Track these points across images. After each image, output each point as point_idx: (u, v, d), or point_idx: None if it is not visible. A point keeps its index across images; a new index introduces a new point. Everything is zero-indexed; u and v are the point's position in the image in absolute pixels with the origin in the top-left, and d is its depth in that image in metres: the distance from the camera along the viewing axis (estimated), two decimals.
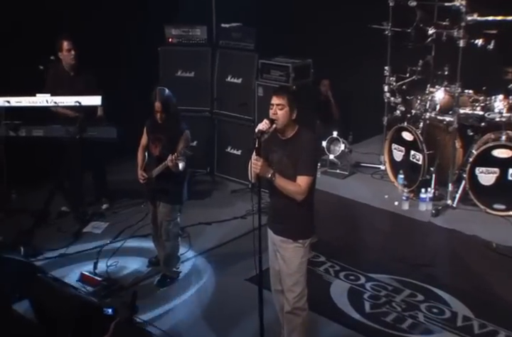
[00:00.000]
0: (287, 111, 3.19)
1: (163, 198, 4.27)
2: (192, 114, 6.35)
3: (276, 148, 3.27)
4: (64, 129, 5.07)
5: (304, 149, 3.16)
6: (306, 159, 3.17)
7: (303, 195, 3.16)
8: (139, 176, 4.28)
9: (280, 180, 3.16)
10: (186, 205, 5.54)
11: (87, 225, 5.42)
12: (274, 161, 3.27)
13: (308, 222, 3.36)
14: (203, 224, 5.47)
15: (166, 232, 4.35)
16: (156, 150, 4.22)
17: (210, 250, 4.99)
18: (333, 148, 5.39)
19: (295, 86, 5.61)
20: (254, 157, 3.09)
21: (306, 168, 3.18)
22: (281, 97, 3.18)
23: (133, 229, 5.18)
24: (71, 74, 5.26)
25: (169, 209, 4.29)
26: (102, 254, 4.73)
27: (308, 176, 3.18)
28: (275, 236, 3.41)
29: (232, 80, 6.13)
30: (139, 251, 4.90)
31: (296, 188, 3.15)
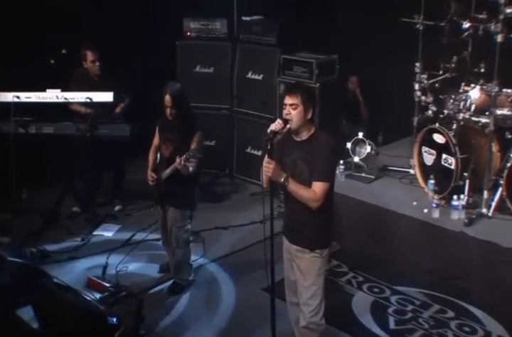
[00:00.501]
0: (301, 110, 3.12)
1: (172, 202, 4.23)
2: (210, 111, 6.33)
3: (290, 151, 3.20)
4: (75, 126, 5.09)
5: (320, 152, 3.09)
6: (323, 163, 3.09)
7: (318, 203, 3.10)
8: (148, 177, 4.24)
9: (293, 186, 3.09)
10: (202, 208, 5.50)
11: (98, 227, 5.43)
12: (287, 165, 3.20)
13: (326, 230, 3.29)
14: (219, 228, 5.41)
15: (176, 238, 4.30)
16: (167, 151, 4.18)
17: (225, 257, 4.93)
18: (359, 150, 5.30)
19: (318, 83, 5.57)
20: (266, 160, 3.04)
21: (323, 173, 3.10)
22: (295, 95, 3.12)
23: (145, 232, 5.15)
24: (95, 79, 5.35)
25: (179, 214, 4.24)
26: (112, 259, 4.73)
27: (324, 182, 3.11)
28: (290, 245, 3.34)
29: (253, 77, 6.09)
30: (151, 256, 4.87)
31: (311, 195, 3.08)
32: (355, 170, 5.38)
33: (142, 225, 5.29)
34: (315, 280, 3.27)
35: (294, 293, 3.40)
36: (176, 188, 4.15)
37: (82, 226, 5.32)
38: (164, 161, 4.19)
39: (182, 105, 4.03)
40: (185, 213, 4.25)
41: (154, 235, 5.03)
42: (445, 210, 4.64)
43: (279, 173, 3.06)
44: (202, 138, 4.10)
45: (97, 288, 4.40)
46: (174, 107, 3.99)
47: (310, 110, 3.14)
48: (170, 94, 3.97)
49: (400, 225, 4.70)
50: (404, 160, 5.43)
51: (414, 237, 4.58)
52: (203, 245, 5.02)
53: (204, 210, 5.51)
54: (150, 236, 5.16)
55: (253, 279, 4.46)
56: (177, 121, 4.12)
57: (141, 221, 5.38)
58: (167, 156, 4.16)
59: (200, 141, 4.07)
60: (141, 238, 5.08)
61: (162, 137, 4.21)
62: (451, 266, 4.38)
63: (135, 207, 5.75)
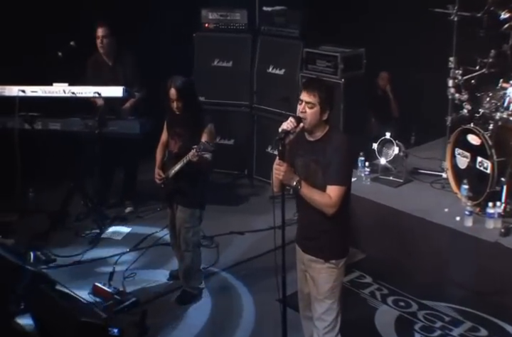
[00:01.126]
0: (317, 111, 3.05)
1: (180, 200, 4.16)
2: (229, 108, 6.27)
3: (303, 152, 3.14)
4: (83, 122, 5.07)
5: (334, 153, 3.02)
6: (338, 165, 3.01)
7: (333, 208, 3.03)
8: (156, 175, 4.21)
9: (306, 190, 3.02)
10: (218, 211, 5.50)
11: (107, 229, 5.40)
12: (298, 167, 3.14)
13: (342, 238, 3.21)
14: (234, 233, 5.34)
15: (185, 240, 4.23)
16: (176, 146, 4.13)
17: (239, 264, 4.85)
18: (386, 151, 5.16)
19: (343, 79, 5.47)
20: (277, 161, 2.96)
21: (338, 176, 3.02)
22: (313, 94, 3.03)
23: (157, 236, 5.19)
24: (110, 64, 5.35)
25: (188, 214, 4.17)
26: (120, 264, 4.73)
27: (339, 186, 3.03)
28: (303, 254, 3.27)
29: (274, 71, 6.00)
30: (162, 262, 4.82)
31: (325, 200, 3.01)
32: (382, 173, 5.26)
33: (154, 228, 5.28)
34: (330, 293, 3.19)
35: (307, 307, 3.33)
36: (184, 185, 4.11)
37: (90, 228, 5.30)
38: (172, 157, 4.14)
39: (189, 98, 3.99)
40: (194, 213, 4.19)
41: (166, 239, 4.98)
42: (479, 219, 4.53)
43: (290, 176, 2.99)
44: (213, 132, 4.05)
45: (101, 295, 4.36)
46: (180, 100, 3.96)
47: (327, 111, 3.07)
48: (175, 87, 3.95)
49: (430, 234, 4.59)
50: (436, 163, 5.32)
51: (445, 247, 4.48)
52: (216, 251, 4.98)
53: (219, 214, 5.50)
54: (161, 240, 5.12)
55: (268, 288, 4.23)
56: (185, 114, 4.07)
57: (153, 224, 5.36)
58: (175, 151, 4.12)
59: (211, 135, 4.01)
60: (152, 242, 5.08)
61: (170, 132, 4.17)
62: (485, 280, 4.27)
63: (147, 209, 5.72)
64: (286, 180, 2.99)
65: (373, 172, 5.24)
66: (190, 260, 4.35)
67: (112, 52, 5.33)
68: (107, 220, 5.46)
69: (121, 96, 4.97)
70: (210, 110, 6.12)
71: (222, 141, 6.31)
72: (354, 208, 4.82)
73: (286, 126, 2.98)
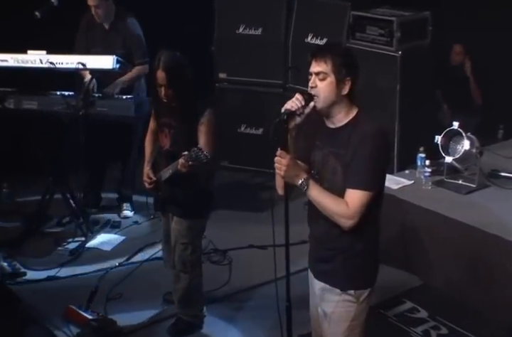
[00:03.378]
0: (332, 82, 2.88)
1: (175, 209, 4.11)
2: (257, 88, 6.18)
3: (321, 143, 2.99)
4: (65, 101, 5.01)
5: (360, 145, 2.84)
6: (363, 162, 2.84)
7: (350, 220, 2.87)
8: (144, 177, 4.14)
9: (315, 192, 2.87)
10: (235, 219, 5.43)
11: (94, 238, 5.35)
12: (316, 162, 3.00)
13: (367, 262, 3.07)
14: (254, 247, 5.18)
15: (181, 259, 4.15)
16: (166, 141, 4.04)
17: (255, 287, 4.73)
18: (454, 146, 4.90)
19: (401, 51, 5.31)
20: (278, 152, 2.83)
21: (361, 176, 2.85)
22: (323, 60, 2.86)
23: (156, 248, 5.13)
24: (105, 27, 5.33)
25: (185, 227, 4.08)
26: (105, 281, 4.70)
27: (362, 191, 2.85)
28: (316, 282, 3.15)
29: (314, 41, 5.88)
30: (157, 280, 4.74)
31: (341, 208, 2.86)
32: (448, 175, 5.01)
33: (153, 238, 5.27)
34: (346, 335, 3.05)
35: None
36: (179, 192, 4.05)
37: (73, 236, 5.31)
38: (163, 154, 4.07)
39: (181, 84, 3.82)
40: (193, 225, 4.11)
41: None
42: None
43: (294, 172, 2.84)
44: (213, 122, 3.90)
45: (76, 320, 4.28)
46: (170, 87, 3.81)
47: (347, 82, 2.88)
48: (163, 69, 3.78)
49: (508, 257, 4.33)
50: None
51: None
52: (228, 269, 4.89)
53: (237, 222, 5.41)
54: (160, 253, 4.92)
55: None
56: (177, 101, 3.91)
57: (152, 232, 5.35)
58: (166, 148, 4.05)
59: (209, 128, 3.87)
60: (148, 255, 5.05)
61: (159, 122, 4.09)
62: None
63: (147, 214, 5.64)
64: (288, 177, 2.85)
65: (436, 173, 5.00)
66: (187, 283, 4.22)
67: (108, 15, 5.29)
68: (96, 226, 5.45)
69: (111, 68, 4.90)
70: (233, 90, 6.30)
71: (248, 131, 6.27)
72: (408, 221, 4.68)
73: (290, 106, 2.82)
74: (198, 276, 4.27)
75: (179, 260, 4.18)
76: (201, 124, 3.85)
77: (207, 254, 4.96)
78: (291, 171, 2.83)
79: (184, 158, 3.68)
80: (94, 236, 5.31)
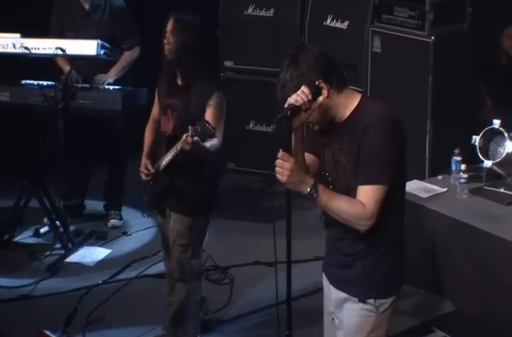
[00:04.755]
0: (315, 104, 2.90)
1: (175, 204, 4.14)
2: (268, 78, 6.09)
3: (330, 139, 3.02)
4: (42, 92, 5.02)
5: (365, 134, 2.87)
6: (370, 153, 2.87)
7: (367, 221, 2.89)
8: (141, 167, 4.19)
9: (326, 197, 2.89)
10: (241, 231, 5.43)
11: (76, 250, 5.36)
12: (326, 163, 3.04)
13: (390, 268, 3.09)
14: (261, 264, 5.17)
15: (180, 264, 4.17)
16: (168, 124, 4.12)
17: (260, 311, 4.72)
18: (494, 148, 4.88)
19: (434, 36, 5.26)
20: (280, 154, 2.83)
21: (370, 170, 2.89)
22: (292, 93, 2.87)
23: (146, 263, 5.14)
24: (85, 6, 5.36)
25: (186, 225, 4.11)
26: (86, 302, 4.70)
27: (374, 186, 2.88)
28: (332, 288, 3.20)
29: (334, 24, 5.89)
30: (146, 301, 4.79)
31: (357, 209, 2.90)
32: (487, 182, 4.97)
33: (143, 252, 5.30)
34: None
35: None
36: (180, 183, 4.09)
37: (51, 248, 5.33)
38: (165, 141, 4.13)
39: (192, 46, 3.97)
40: (195, 224, 4.13)
41: (159, 269, 4.88)
42: None
43: (299, 178, 2.83)
44: (222, 104, 4.03)
45: None
46: (177, 38, 3.97)
47: (321, 86, 2.87)
48: (175, 18, 4.00)
49: None
50: None
51: None
52: (229, 289, 4.89)
53: (242, 234, 5.44)
54: (151, 270, 5.04)
55: None
56: (184, 77, 4.04)
57: (143, 245, 5.42)
58: (169, 132, 4.11)
59: (217, 110, 3.99)
60: (136, 273, 5.04)
61: (163, 104, 4.18)
62: None
63: (139, 223, 5.68)
64: (292, 184, 2.84)
65: (474, 180, 4.97)
66: (184, 296, 4.21)
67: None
68: (78, 238, 5.48)
69: (94, 54, 4.92)
70: (240, 81, 6.29)
71: (258, 128, 6.30)
72: (439, 235, 4.65)
73: (294, 100, 2.80)
74: (197, 291, 4.27)
75: (177, 265, 4.18)
76: (209, 106, 3.96)
77: (205, 271, 4.94)
78: (296, 177, 2.81)
79: (188, 132, 3.73)
80: (76, 249, 5.34)
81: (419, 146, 5.29)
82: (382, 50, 5.49)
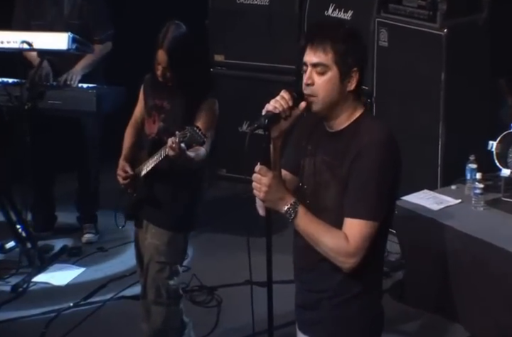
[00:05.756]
0: (335, 77, 2.88)
1: (154, 216, 4.15)
2: (263, 75, 6.23)
3: (314, 148, 3.01)
4: (6, 91, 5.04)
5: (362, 156, 2.85)
6: (364, 182, 2.85)
7: (351, 259, 2.86)
8: (119, 170, 4.21)
9: (305, 222, 2.87)
10: (230, 246, 5.40)
11: (44, 269, 5.36)
12: (305, 173, 3.02)
13: (365, 310, 3.03)
14: (252, 284, 5.10)
15: (156, 284, 4.15)
16: (153, 128, 4.15)
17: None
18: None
19: (447, 29, 5.25)
20: (258, 168, 2.84)
21: (363, 202, 2.86)
22: (321, 48, 2.86)
23: (123, 283, 5.16)
24: None
25: (165, 240, 4.12)
26: (55, 327, 4.72)
27: (365, 221, 2.85)
28: (300, 335, 3.15)
29: (336, 14, 5.90)
30: (123, 326, 4.80)
31: (339, 243, 2.86)
32: (506, 192, 4.98)
33: (120, 270, 5.33)
34: None
35: None
36: (161, 193, 4.11)
37: (17, 266, 5.31)
38: (148, 144, 4.17)
39: (184, 67, 4.01)
40: (175, 239, 4.14)
41: (136, 289, 4.83)
42: None
43: (278, 195, 2.83)
44: (215, 111, 4.09)
45: None
46: (171, 70, 4.00)
47: (354, 74, 2.89)
48: (166, 49, 3.97)
49: None
50: None
51: None
52: (216, 312, 4.92)
53: (232, 250, 5.36)
54: (129, 290, 5.05)
55: None
56: (174, 85, 4.09)
57: (121, 263, 5.44)
58: (153, 136, 4.14)
59: (209, 116, 4.04)
60: (114, 293, 5.08)
61: (148, 105, 4.21)
62: None
63: (117, 238, 5.67)
64: (270, 201, 2.84)
65: (491, 190, 4.98)
66: (162, 321, 4.20)
67: None
68: (48, 254, 5.49)
69: (65, 49, 4.92)
70: (232, 77, 6.31)
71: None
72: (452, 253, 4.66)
73: (272, 107, 2.80)
74: (175, 316, 4.26)
75: (152, 285, 4.16)
76: (201, 111, 4.01)
77: (189, 292, 4.97)
78: (274, 194, 2.82)
79: (175, 137, 3.74)
80: (45, 267, 5.35)
81: (431, 151, 5.31)
82: (390, 44, 5.51)
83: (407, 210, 4.82)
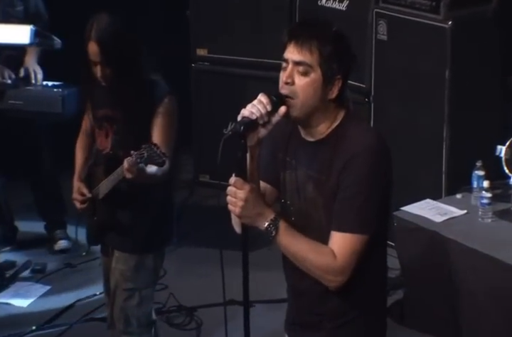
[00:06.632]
0: (317, 81, 2.91)
1: (117, 240, 4.17)
2: (250, 71, 6.28)
3: (295, 160, 3.04)
4: None
5: (350, 167, 2.89)
6: (354, 192, 2.89)
7: (339, 276, 2.90)
8: (74, 194, 4.20)
9: (288, 239, 2.90)
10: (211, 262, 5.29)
11: (5, 287, 5.39)
12: (287, 189, 3.06)
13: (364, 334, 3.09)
14: (236, 304, 5.08)
15: (124, 313, 4.16)
16: (106, 141, 4.14)
17: None
18: None
19: (451, 21, 5.24)
20: (232, 180, 2.88)
21: (351, 215, 2.90)
22: (307, 47, 2.89)
23: (93, 303, 5.22)
24: None
25: (131, 265, 4.13)
26: None
27: (353, 235, 2.89)
28: None
29: (330, 4, 5.91)
30: None
31: (325, 260, 2.90)
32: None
33: (89, 289, 5.37)
34: None
35: None
36: (124, 214, 4.12)
37: None
38: (103, 160, 4.16)
39: (121, 59, 3.96)
40: (142, 263, 4.14)
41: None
42: None
43: (256, 210, 2.86)
44: (173, 114, 4.05)
45: None
46: (107, 64, 3.94)
47: (337, 81, 2.92)
48: (96, 39, 3.92)
49: None
50: None
51: None
52: (196, 336, 5.04)
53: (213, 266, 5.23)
54: (99, 311, 5.04)
55: None
56: (118, 87, 4.01)
57: (90, 281, 5.48)
58: (107, 151, 4.13)
59: (168, 122, 4.00)
60: (81, 315, 5.12)
61: (96, 116, 4.19)
62: None
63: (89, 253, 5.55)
64: (247, 217, 2.87)
65: (500, 200, 4.99)
66: None
67: None
68: (9, 271, 5.52)
69: (27, 43, 4.92)
70: (216, 74, 6.33)
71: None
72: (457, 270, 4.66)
73: (249, 112, 2.82)
74: None
75: (120, 314, 4.17)
76: (157, 116, 3.97)
77: (166, 313, 5.01)
78: (252, 209, 2.83)
79: (131, 158, 3.72)
80: (6, 285, 5.38)
81: (434, 157, 5.33)
82: (389, 38, 5.53)
83: (407, 221, 4.83)
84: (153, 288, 4.24)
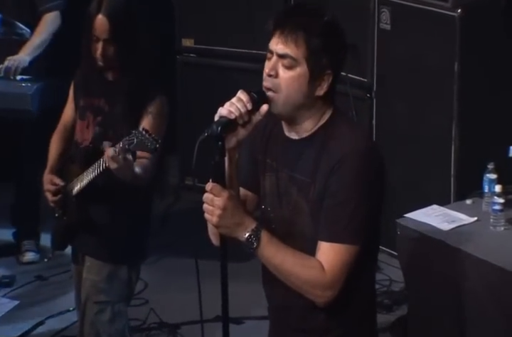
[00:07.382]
0: (303, 76, 2.91)
1: (90, 246, 4.18)
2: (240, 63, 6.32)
3: (275, 161, 3.05)
4: None
5: (339, 169, 2.89)
6: (342, 201, 2.89)
7: (328, 291, 2.91)
8: (45, 185, 4.22)
9: (272, 251, 2.90)
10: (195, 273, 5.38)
11: None
12: (267, 193, 3.08)
13: None
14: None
15: (94, 329, 4.18)
16: (87, 133, 4.16)
17: None
18: None
19: (461, 10, 5.26)
20: (209, 185, 2.90)
21: (341, 224, 2.90)
22: (293, 39, 2.87)
23: (65, 320, 5.23)
24: None
25: (103, 275, 4.15)
26: None
27: (343, 245, 2.90)
28: None
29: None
30: None
31: (312, 274, 2.90)
32: None
33: (62, 304, 5.38)
34: None
35: None
36: (99, 216, 4.14)
37: None
38: (80, 155, 4.16)
39: (130, 38, 4.04)
40: (116, 273, 4.16)
41: None
42: None
43: (235, 219, 2.87)
44: (165, 115, 4.12)
45: None
46: (114, 41, 4.00)
47: (326, 77, 2.93)
48: (106, 14, 3.98)
49: None
50: None
51: None
52: None
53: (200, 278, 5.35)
54: (71, 329, 5.03)
55: None
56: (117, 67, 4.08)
57: (62, 295, 5.50)
58: (87, 144, 4.14)
59: (158, 117, 4.06)
60: (50, 333, 5.17)
61: (81, 105, 4.22)
62: None
63: (58, 264, 5.58)
64: (225, 227, 2.88)
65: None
66: None
67: None
68: None
69: None
70: (204, 66, 6.38)
71: None
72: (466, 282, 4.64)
73: (227, 111, 2.83)
74: None
75: (91, 330, 4.19)
76: (147, 115, 4.03)
77: (146, 330, 5.04)
78: (231, 218, 2.84)
79: (119, 144, 3.73)
80: None
81: (442, 158, 5.35)
82: (393, 27, 5.58)
83: (411, 230, 4.81)
84: (126, 303, 4.26)
